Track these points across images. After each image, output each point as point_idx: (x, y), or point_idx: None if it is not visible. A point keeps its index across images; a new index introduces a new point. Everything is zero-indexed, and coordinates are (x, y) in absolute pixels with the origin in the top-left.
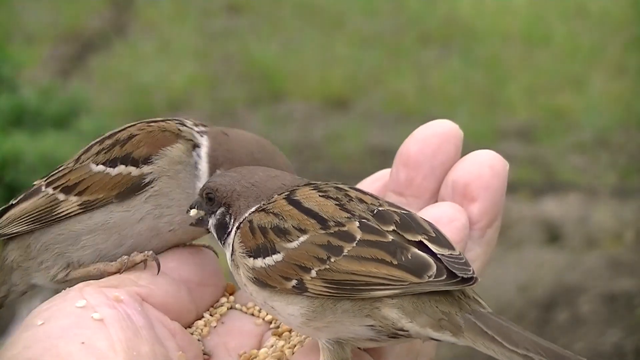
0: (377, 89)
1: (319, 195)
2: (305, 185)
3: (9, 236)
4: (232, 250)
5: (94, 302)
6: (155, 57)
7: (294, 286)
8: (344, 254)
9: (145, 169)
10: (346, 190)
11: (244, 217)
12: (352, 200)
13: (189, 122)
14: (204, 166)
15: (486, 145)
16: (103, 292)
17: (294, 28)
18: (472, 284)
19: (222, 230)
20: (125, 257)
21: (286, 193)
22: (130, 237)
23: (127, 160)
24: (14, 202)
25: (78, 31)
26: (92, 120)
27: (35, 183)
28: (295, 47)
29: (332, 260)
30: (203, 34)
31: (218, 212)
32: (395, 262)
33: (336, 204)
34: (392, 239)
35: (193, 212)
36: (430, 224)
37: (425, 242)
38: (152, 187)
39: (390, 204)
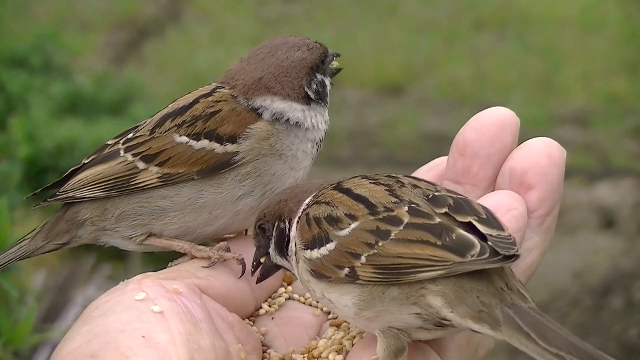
0: (431, 75)
1: (370, 183)
2: (352, 177)
3: (81, 200)
4: (295, 250)
5: (153, 294)
6: (210, 43)
7: (346, 274)
8: (391, 237)
9: (230, 147)
10: (398, 178)
11: (300, 213)
12: (405, 187)
13: (225, 87)
14: (299, 107)
15: (541, 130)
16: (162, 284)
17: (349, 15)
18: (513, 260)
19: (281, 240)
20: (217, 254)
21: (334, 184)
22: (222, 216)
23: (211, 136)
24: (86, 162)
25: (133, 18)
26: (147, 106)
27: (109, 142)
28: (349, 34)
29: (380, 244)
30: (257, 21)
31: (274, 229)
32: (439, 243)
33: (386, 190)
34: (439, 222)
35: (262, 259)
36: (484, 207)
37: (475, 222)
38: (245, 167)
39: (448, 190)
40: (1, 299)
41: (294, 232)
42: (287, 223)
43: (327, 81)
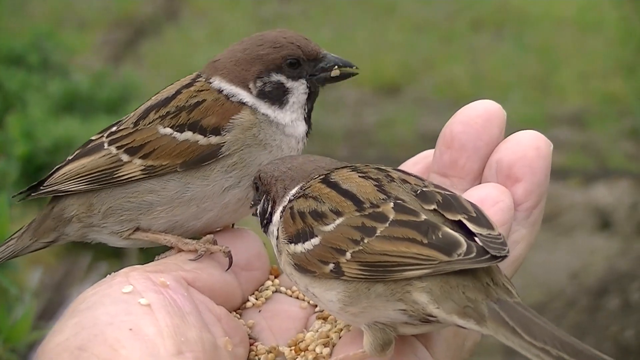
0: (429, 74)
1: (359, 176)
2: (343, 167)
3: (64, 193)
4: (277, 236)
5: (140, 287)
6: (207, 42)
7: (331, 270)
8: (377, 234)
9: (214, 139)
10: (388, 172)
11: (285, 203)
12: (394, 181)
13: (203, 76)
14: (244, 95)
15: (538, 130)
16: (149, 277)
17: (346, 14)
18: (500, 260)
19: (263, 216)
20: (203, 247)
21: (323, 175)
22: (211, 209)
23: (195, 127)
24: (70, 158)
25: (130, 17)
26: None
27: (93, 138)
28: (347, 33)
29: (366, 241)
30: (255, 20)
31: (262, 199)
32: (425, 241)
33: (375, 185)
34: (425, 219)
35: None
36: (473, 205)
37: (464, 221)
38: (231, 158)
39: (436, 186)
40: (0, 297)
41: (276, 218)
42: (270, 205)
43: (294, 85)
